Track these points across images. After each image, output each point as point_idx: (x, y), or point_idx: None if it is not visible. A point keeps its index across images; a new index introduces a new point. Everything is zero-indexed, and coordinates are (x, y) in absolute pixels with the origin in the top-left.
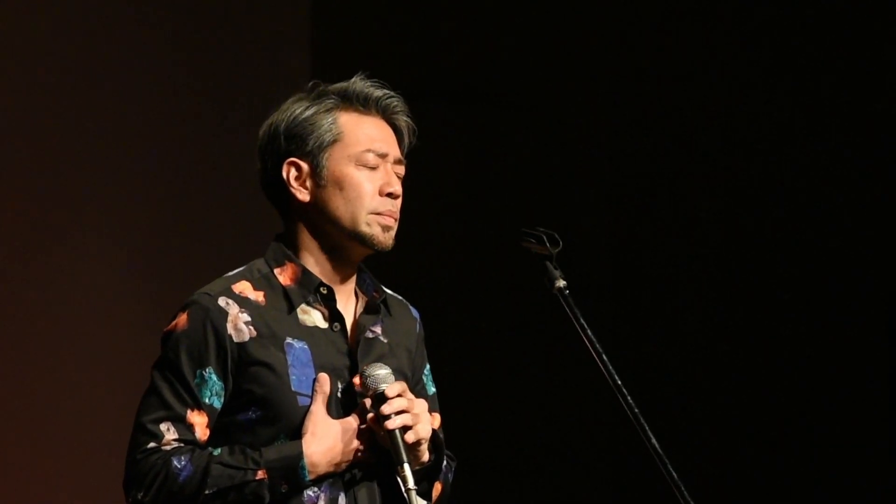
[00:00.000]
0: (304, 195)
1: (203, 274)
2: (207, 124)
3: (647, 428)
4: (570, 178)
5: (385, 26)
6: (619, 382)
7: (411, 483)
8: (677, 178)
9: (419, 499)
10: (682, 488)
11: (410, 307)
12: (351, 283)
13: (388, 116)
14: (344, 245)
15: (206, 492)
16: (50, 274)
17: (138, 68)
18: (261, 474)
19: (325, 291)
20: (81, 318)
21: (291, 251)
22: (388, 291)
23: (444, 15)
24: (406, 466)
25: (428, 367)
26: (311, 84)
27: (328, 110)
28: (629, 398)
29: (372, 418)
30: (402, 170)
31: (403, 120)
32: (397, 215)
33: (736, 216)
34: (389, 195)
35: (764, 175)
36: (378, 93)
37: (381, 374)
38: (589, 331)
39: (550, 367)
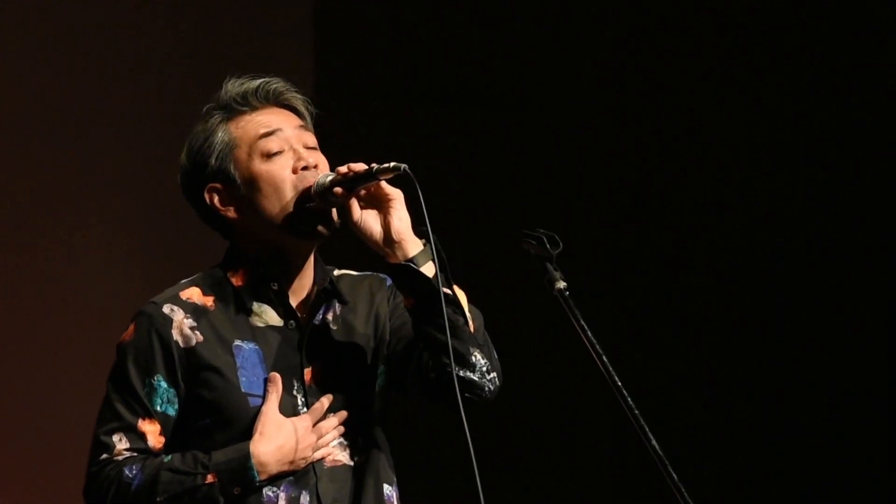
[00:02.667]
0: (232, 212)
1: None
2: None
3: (647, 429)
4: (570, 179)
5: (386, 30)
6: (620, 383)
7: (378, 165)
8: (677, 178)
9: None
10: (682, 489)
11: (375, 276)
12: (307, 279)
13: (276, 102)
14: (287, 244)
15: (158, 499)
16: (50, 273)
17: (140, 68)
18: (210, 478)
19: (275, 288)
20: (81, 317)
21: (243, 256)
22: (352, 273)
23: (443, 18)
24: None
25: None
26: (204, 109)
27: (217, 126)
28: (629, 399)
29: (344, 196)
30: (310, 139)
31: (291, 95)
32: None
33: (736, 216)
34: (305, 169)
35: (764, 175)
36: (253, 85)
37: (320, 177)
38: (589, 332)
39: (550, 368)
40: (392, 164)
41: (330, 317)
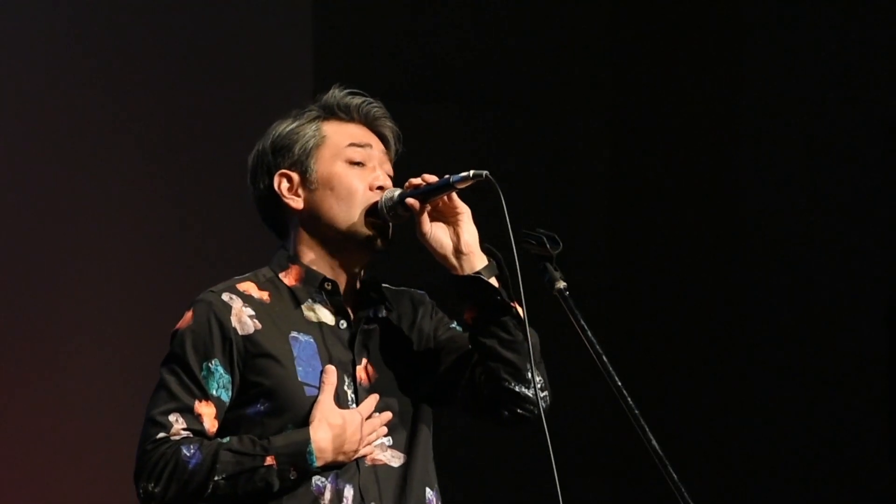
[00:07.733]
0: (297, 203)
1: (204, 277)
2: (209, 127)
3: (647, 429)
4: (570, 178)
5: (385, 30)
6: (620, 384)
7: (454, 175)
8: (677, 178)
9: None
10: (683, 489)
11: (415, 291)
12: (357, 285)
13: (370, 124)
14: (343, 247)
15: (216, 478)
16: (51, 274)
17: (140, 68)
18: (269, 460)
19: (329, 287)
20: (82, 320)
21: (295, 257)
22: (390, 287)
23: (444, 18)
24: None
25: (455, 323)
26: (293, 112)
27: (311, 120)
28: (629, 399)
29: (416, 209)
30: (389, 169)
31: (387, 126)
32: None
33: (736, 216)
34: (380, 188)
35: (763, 174)
36: (357, 100)
37: (388, 192)
38: (589, 332)
39: (550, 368)
40: (472, 172)
41: (378, 320)
